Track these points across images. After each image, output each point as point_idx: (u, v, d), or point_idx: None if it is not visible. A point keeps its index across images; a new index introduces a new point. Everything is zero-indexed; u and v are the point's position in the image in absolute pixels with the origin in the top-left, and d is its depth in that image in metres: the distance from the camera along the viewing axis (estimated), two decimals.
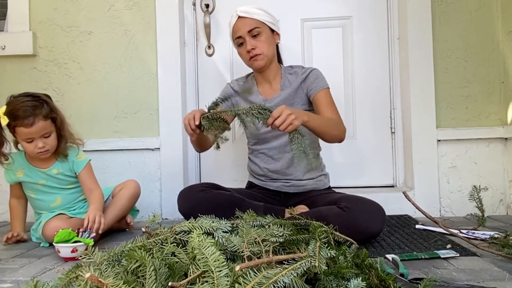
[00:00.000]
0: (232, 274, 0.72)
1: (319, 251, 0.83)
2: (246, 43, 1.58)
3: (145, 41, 2.06)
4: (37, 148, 1.50)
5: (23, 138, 1.49)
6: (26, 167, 1.60)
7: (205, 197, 1.49)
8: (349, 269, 0.83)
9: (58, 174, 1.62)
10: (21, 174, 1.60)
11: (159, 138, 2.04)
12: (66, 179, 1.63)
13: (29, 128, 1.46)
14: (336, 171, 2.05)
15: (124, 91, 2.07)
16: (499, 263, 1.16)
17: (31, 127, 1.46)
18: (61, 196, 1.63)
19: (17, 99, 1.50)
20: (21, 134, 1.48)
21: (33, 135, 1.48)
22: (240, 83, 1.76)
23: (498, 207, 1.93)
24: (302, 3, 2.12)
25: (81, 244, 1.34)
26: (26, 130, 1.46)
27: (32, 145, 1.50)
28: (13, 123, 1.47)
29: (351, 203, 1.37)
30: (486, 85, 1.94)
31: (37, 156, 1.55)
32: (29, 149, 1.52)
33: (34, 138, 1.49)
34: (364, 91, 2.10)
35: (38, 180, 1.60)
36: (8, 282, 1.13)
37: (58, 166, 1.61)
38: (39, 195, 1.62)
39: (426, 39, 1.94)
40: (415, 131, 1.95)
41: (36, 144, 1.50)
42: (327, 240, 0.94)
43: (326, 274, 0.80)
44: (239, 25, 1.59)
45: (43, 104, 1.51)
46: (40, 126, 1.48)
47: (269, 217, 1.14)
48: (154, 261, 0.79)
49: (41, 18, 2.10)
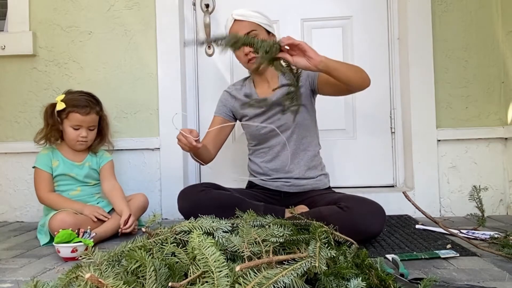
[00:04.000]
0: (232, 275, 0.72)
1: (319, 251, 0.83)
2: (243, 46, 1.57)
3: (145, 41, 2.06)
4: (80, 137, 1.69)
5: (74, 124, 1.68)
6: (60, 159, 1.74)
7: (205, 197, 1.49)
8: (349, 269, 0.83)
9: (90, 168, 1.77)
10: (56, 163, 1.73)
11: (159, 138, 2.04)
12: (92, 175, 1.78)
13: (83, 116, 1.67)
14: (336, 171, 2.05)
15: (124, 91, 2.07)
16: (499, 263, 1.16)
17: (86, 115, 1.68)
18: (81, 187, 1.75)
19: (75, 92, 1.73)
20: (73, 120, 1.68)
21: (83, 124, 1.69)
22: (238, 87, 1.76)
23: (498, 207, 1.93)
24: (302, 3, 2.12)
25: (81, 244, 1.34)
26: (81, 117, 1.67)
27: (77, 133, 1.69)
28: (71, 108, 1.67)
29: (351, 203, 1.37)
30: (486, 85, 1.94)
31: (74, 146, 1.73)
32: (72, 135, 1.69)
33: (81, 126, 1.69)
34: (364, 91, 2.08)
35: (69, 172, 1.73)
36: (8, 282, 1.13)
37: (89, 159, 1.78)
38: (62, 187, 1.73)
39: (426, 39, 1.94)
40: (415, 131, 1.95)
41: (81, 132, 1.69)
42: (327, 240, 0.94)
43: (326, 275, 0.80)
44: (236, 28, 1.59)
45: (97, 102, 1.76)
46: (91, 118, 1.71)
47: (270, 217, 1.14)
48: (154, 261, 0.79)
49: (41, 18, 2.10)
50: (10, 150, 2.09)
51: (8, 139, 2.12)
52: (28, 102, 2.11)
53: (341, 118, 2.11)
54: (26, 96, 2.11)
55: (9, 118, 2.12)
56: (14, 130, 2.12)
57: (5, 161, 2.11)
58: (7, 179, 2.11)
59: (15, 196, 2.09)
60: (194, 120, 2.16)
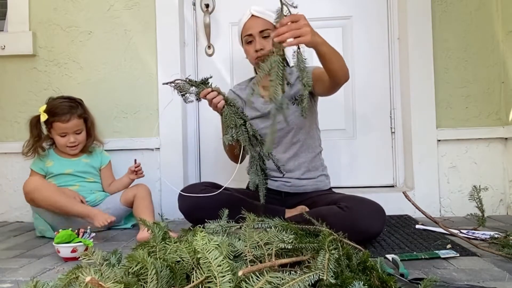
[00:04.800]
0: (235, 279, 0.71)
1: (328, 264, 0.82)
2: (255, 42, 1.59)
3: (145, 41, 2.06)
4: (69, 143, 1.75)
5: (59, 133, 1.74)
6: (55, 159, 1.80)
7: (205, 197, 1.49)
8: (355, 276, 0.81)
9: (86, 164, 1.83)
10: (50, 163, 1.79)
11: (159, 138, 2.04)
12: (91, 171, 1.84)
13: (65, 124, 1.72)
14: (336, 171, 2.05)
15: (124, 91, 2.07)
16: (499, 263, 1.16)
17: (67, 123, 1.72)
18: (80, 183, 1.79)
19: (56, 100, 1.77)
20: (57, 129, 1.73)
21: (67, 130, 1.74)
22: (242, 87, 1.77)
23: (498, 207, 1.93)
24: (302, 3, 2.10)
25: (81, 244, 1.33)
26: (63, 125, 1.72)
27: (65, 139, 1.75)
28: (52, 119, 1.72)
29: (351, 203, 1.37)
30: (486, 85, 1.94)
31: (66, 152, 1.79)
32: (61, 142, 1.75)
33: (67, 133, 1.74)
34: (364, 91, 2.10)
35: (65, 170, 1.78)
36: (8, 282, 1.13)
37: (86, 157, 1.85)
38: (63, 183, 1.76)
39: (426, 39, 1.94)
40: (415, 131, 1.95)
41: (69, 138, 1.75)
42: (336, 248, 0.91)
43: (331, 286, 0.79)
44: (252, 23, 1.60)
45: (78, 106, 1.78)
46: (74, 123, 1.74)
47: (272, 220, 1.13)
48: (156, 263, 0.79)
49: (41, 18, 2.10)
50: (10, 150, 2.09)
51: (8, 139, 2.12)
52: (28, 102, 2.10)
53: (341, 118, 2.11)
54: (26, 96, 2.11)
55: (9, 118, 2.12)
56: (14, 130, 2.11)
57: (5, 161, 2.11)
58: (7, 179, 2.11)
59: (15, 196, 2.08)
60: (194, 120, 2.16)
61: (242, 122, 1.33)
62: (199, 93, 1.38)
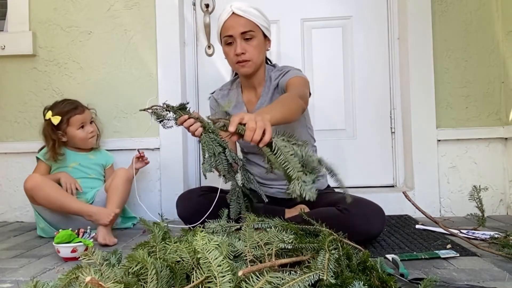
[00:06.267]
0: (235, 279, 0.72)
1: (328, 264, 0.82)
2: (236, 44, 1.46)
3: (145, 41, 2.06)
4: (89, 133, 1.81)
5: (77, 126, 1.78)
6: (66, 152, 1.82)
7: (204, 201, 1.47)
8: (355, 275, 0.82)
9: (92, 160, 1.85)
10: None
11: (159, 138, 2.04)
12: (95, 168, 1.85)
13: (82, 114, 1.79)
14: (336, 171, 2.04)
15: (124, 91, 2.06)
16: (499, 263, 1.16)
17: (83, 113, 1.80)
18: (81, 180, 1.78)
19: (57, 102, 1.82)
20: (76, 122, 1.78)
21: (85, 120, 1.81)
22: (224, 92, 1.68)
23: (498, 207, 1.93)
24: (302, 3, 2.12)
25: (81, 244, 1.34)
26: (81, 116, 1.78)
27: (84, 131, 1.80)
28: (67, 115, 1.76)
29: (350, 205, 1.33)
30: (486, 85, 1.94)
31: (87, 144, 1.82)
32: (81, 135, 1.79)
33: (85, 123, 1.81)
34: (364, 91, 2.09)
35: (70, 163, 1.81)
36: (8, 282, 1.13)
37: (93, 153, 1.88)
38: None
39: (426, 39, 1.94)
40: (415, 131, 1.95)
41: (88, 129, 1.81)
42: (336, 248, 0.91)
43: (330, 286, 0.79)
44: (233, 23, 1.45)
45: (78, 102, 1.84)
46: (88, 113, 1.84)
47: (272, 220, 1.13)
48: (156, 263, 0.79)
49: (41, 18, 2.10)
50: (10, 150, 2.09)
51: (8, 139, 2.12)
52: (28, 102, 2.10)
53: (341, 118, 2.10)
54: (26, 96, 2.11)
55: (9, 118, 2.12)
56: (14, 130, 2.11)
57: (5, 161, 2.11)
58: (7, 179, 2.11)
59: (15, 196, 2.09)
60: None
61: (221, 149, 1.23)
62: (177, 119, 1.30)
